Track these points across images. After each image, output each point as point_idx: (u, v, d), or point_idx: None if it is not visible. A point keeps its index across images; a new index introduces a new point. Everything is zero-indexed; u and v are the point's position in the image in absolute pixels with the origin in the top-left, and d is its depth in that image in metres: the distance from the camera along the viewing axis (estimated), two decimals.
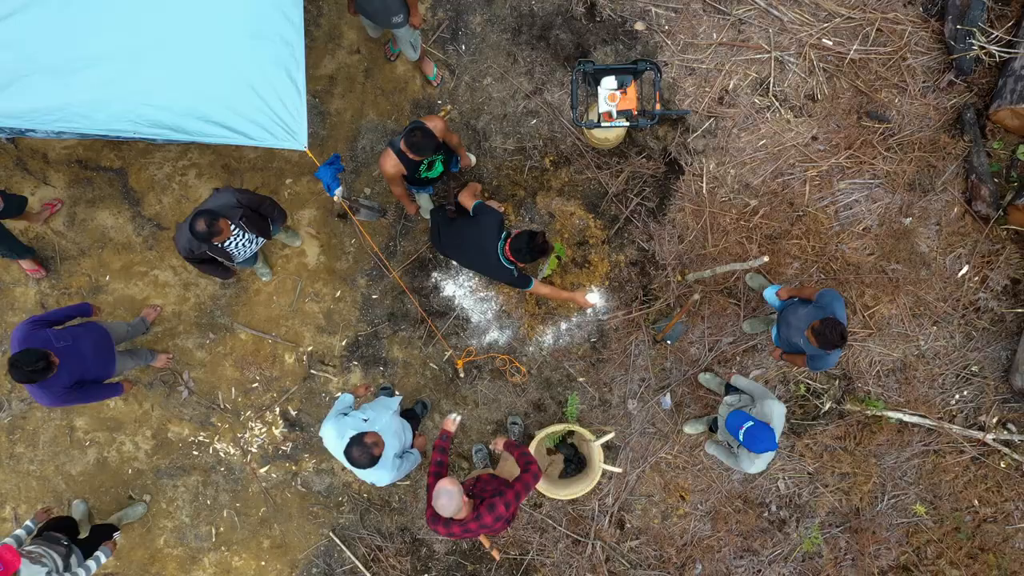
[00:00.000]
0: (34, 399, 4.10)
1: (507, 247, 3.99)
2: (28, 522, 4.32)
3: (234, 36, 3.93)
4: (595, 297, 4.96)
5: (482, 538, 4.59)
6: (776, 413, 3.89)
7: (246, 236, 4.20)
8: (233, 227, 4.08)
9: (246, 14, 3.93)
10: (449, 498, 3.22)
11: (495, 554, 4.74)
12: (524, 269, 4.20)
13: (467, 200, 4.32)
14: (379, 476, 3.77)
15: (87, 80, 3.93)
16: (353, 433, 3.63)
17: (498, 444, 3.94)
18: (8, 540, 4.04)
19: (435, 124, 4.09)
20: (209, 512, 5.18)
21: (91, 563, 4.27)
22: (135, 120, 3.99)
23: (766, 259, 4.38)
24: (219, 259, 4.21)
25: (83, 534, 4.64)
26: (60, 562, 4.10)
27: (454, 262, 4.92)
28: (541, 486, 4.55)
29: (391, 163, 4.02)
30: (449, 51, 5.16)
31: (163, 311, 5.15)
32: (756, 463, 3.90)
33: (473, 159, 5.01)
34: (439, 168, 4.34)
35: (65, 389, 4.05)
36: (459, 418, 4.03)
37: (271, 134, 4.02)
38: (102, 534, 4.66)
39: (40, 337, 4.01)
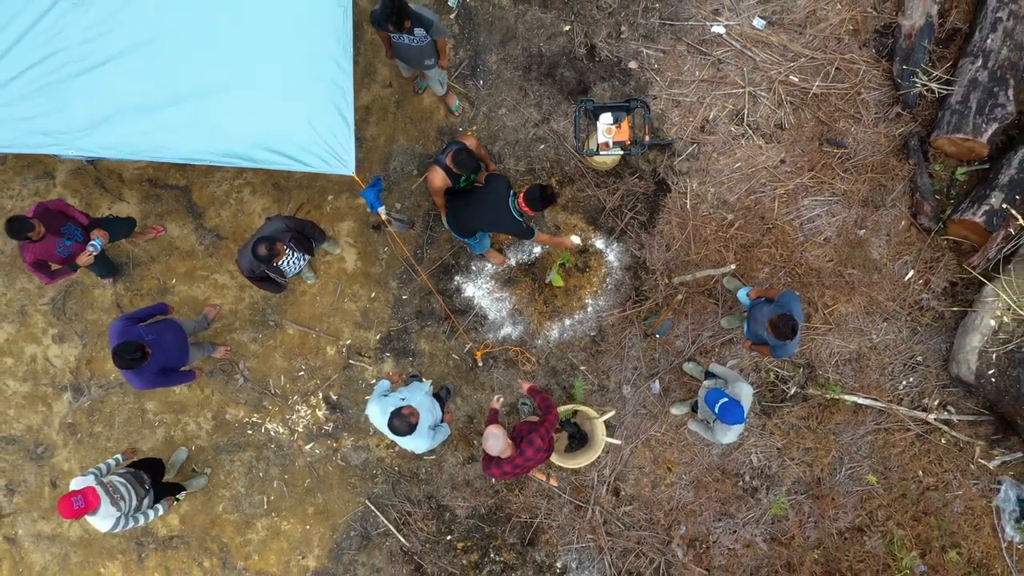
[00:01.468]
0: (128, 383, 4.88)
1: (520, 199, 4.61)
2: (118, 455, 5.12)
3: (296, 82, 4.70)
4: (577, 239, 5.46)
5: (536, 474, 5.36)
6: (745, 393, 4.71)
7: (295, 255, 4.96)
8: (285, 248, 4.87)
9: (307, 63, 4.69)
10: (496, 439, 4.02)
11: (552, 482, 5.53)
12: (532, 220, 4.83)
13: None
14: (417, 444, 4.56)
15: (171, 117, 4.69)
16: (393, 407, 4.44)
17: (523, 387, 4.75)
18: (93, 471, 4.76)
19: (471, 142, 4.90)
20: (261, 483, 5.97)
21: (150, 512, 4.96)
22: (210, 150, 4.75)
23: (733, 267, 5.19)
24: (273, 276, 5.00)
25: (170, 476, 5.45)
26: (135, 503, 4.83)
27: (468, 240, 5.33)
28: (553, 455, 5.36)
29: (439, 177, 4.79)
30: (469, 85, 5.97)
31: (222, 309, 5.95)
32: (728, 434, 4.71)
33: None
34: (472, 177, 5.14)
35: (154, 375, 4.84)
36: (502, 398, 4.86)
37: (325, 161, 4.77)
38: (170, 489, 5.45)
39: (133, 332, 4.79)
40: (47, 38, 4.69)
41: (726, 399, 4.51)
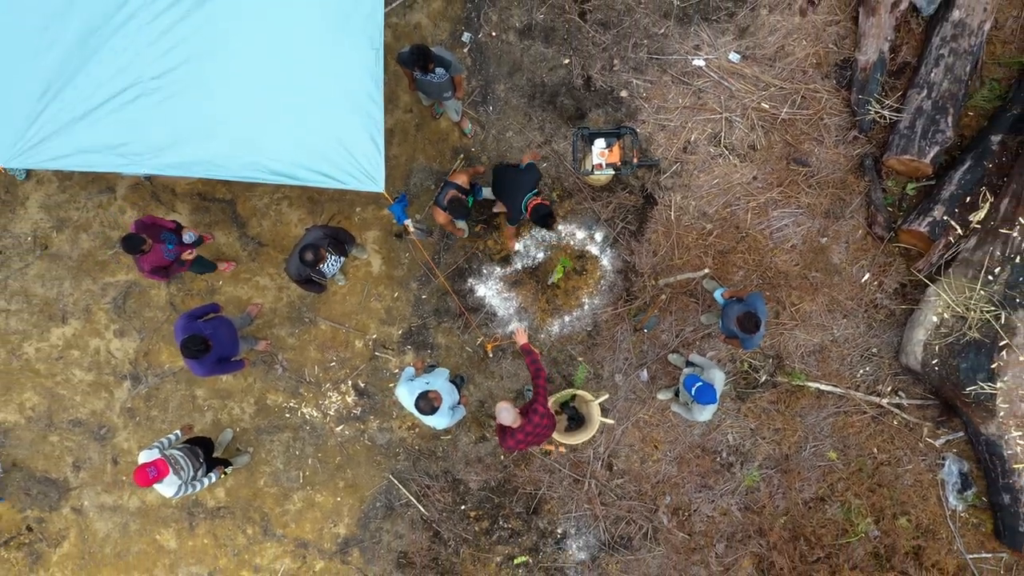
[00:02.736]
0: (191, 370, 5.66)
1: (532, 203, 5.56)
2: (178, 431, 5.92)
3: (335, 112, 5.46)
4: (519, 245, 6.66)
5: (547, 446, 6.21)
6: (717, 378, 5.54)
7: (333, 258, 5.78)
8: (326, 252, 5.68)
9: (345, 97, 5.46)
10: (507, 411, 4.84)
11: (561, 450, 6.38)
12: (526, 219, 5.76)
13: (526, 158, 5.98)
14: (438, 421, 5.36)
15: (228, 141, 5.50)
16: (419, 391, 5.25)
17: (519, 337, 5.42)
18: (156, 445, 5.55)
19: (462, 179, 5.73)
20: (297, 460, 6.78)
21: (205, 479, 5.75)
22: (259, 169, 5.55)
23: (707, 271, 6.01)
24: (316, 278, 5.81)
25: (218, 454, 6.27)
26: (192, 473, 5.63)
27: (499, 202, 6.12)
28: (554, 434, 6.17)
29: (442, 216, 5.70)
30: (480, 111, 6.79)
31: (263, 308, 6.77)
32: (704, 413, 5.54)
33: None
34: (471, 200, 5.98)
35: (213, 364, 5.64)
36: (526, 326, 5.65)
37: (358, 180, 5.53)
38: (219, 463, 6.23)
39: (195, 327, 5.59)
40: (124, 75, 5.47)
41: (700, 383, 5.35)
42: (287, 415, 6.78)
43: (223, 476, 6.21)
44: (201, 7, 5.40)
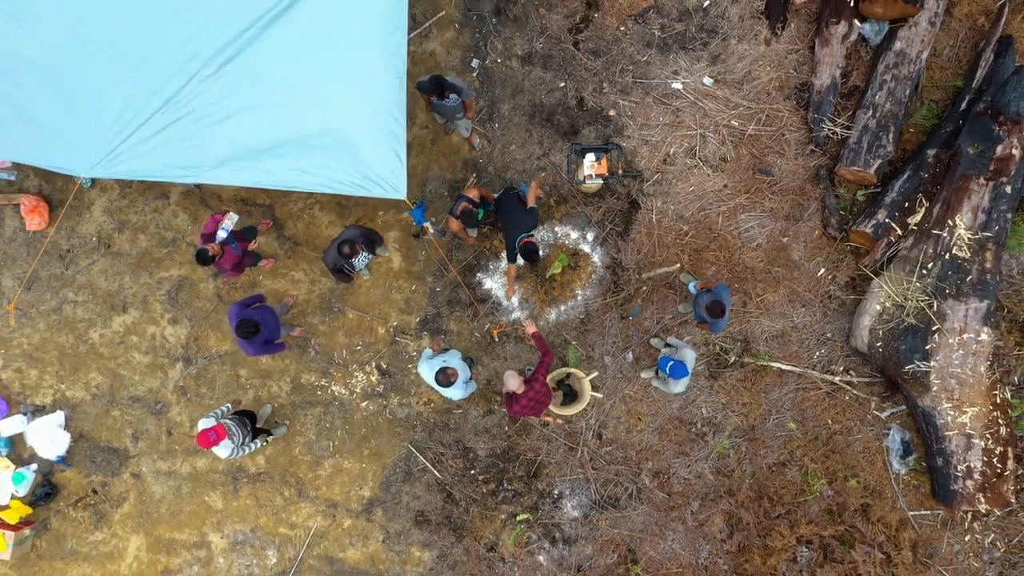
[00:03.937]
0: (242, 350, 6.66)
1: (522, 241, 6.48)
2: (229, 403, 6.90)
3: (364, 131, 6.42)
4: (515, 298, 7.61)
5: (546, 417, 7.16)
6: (689, 356, 6.55)
7: (364, 254, 6.79)
8: (360, 248, 6.68)
9: (373, 118, 6.42)
10: (513, 377, 5.84)
11: (559, 421, 7.37)
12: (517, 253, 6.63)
13: (532, 198, 6.80)
14: (454, 393, 6.35)
15: (273, 155, 6.48)
16: (438, 367, 6.24)
17: (529, 327, 6.37)
18: (212, 414, 6.49)
19: (474, 193, 6.73)
20: (328, 432, 7.78)
21: (252, 445, 6.74)
22: (299, 179, 6.53)
23: (678, 266, 7.02)
24: (347, 270, 6.81)
25: (260, 425, 7.29)
26: (241, 439, 6.62)
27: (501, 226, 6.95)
28: (551, 406, 7.18)
29: (456, 225, 6.70)
30: (487, 127, 7.78)
31: (298, 299, 7.76)
32: (678, 386, 6.54)
33: None
34: (481, 212, 6.98)
35: (261, 345, 6.62)
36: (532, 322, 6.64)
37: (382, 188, 6.49)
38: (261, 432, 7.24)
39: (246, 313, 6.57)
40: (187, 101, 6.44)
41: (673, 362, 6.36)
42: (319, 392, 7.77)
43: (265, 444, 7.22)
44: (253, 44, 6.35)
